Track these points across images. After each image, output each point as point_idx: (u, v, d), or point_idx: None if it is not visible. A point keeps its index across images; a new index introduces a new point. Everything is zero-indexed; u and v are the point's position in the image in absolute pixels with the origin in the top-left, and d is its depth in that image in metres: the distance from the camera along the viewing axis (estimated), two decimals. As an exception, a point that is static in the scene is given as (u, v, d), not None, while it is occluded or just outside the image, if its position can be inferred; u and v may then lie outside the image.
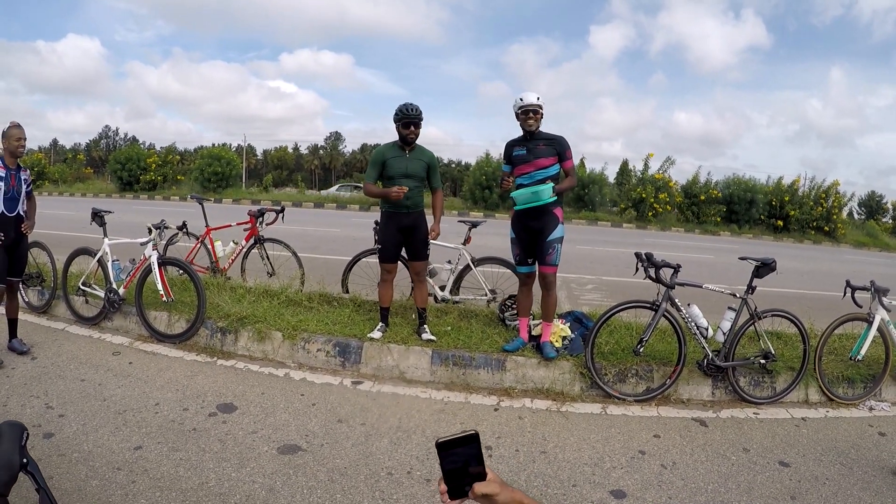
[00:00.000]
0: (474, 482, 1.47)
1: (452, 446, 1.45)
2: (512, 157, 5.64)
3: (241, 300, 6.54)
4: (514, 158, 5.61)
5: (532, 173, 5.49)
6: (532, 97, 5.44)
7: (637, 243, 13.60)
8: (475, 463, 1.46)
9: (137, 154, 34.44)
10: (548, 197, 5.37)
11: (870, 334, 5.61)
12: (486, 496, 1.48)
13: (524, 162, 5.53)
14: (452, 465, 1.46)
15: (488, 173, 29.76)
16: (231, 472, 3.68)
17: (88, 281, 6.75)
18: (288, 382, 5.29)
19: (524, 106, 5.45)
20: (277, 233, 8.17)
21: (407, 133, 5.68)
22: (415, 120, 5.66)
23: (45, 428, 4.10)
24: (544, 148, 5.50)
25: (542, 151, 5.49)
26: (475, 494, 1.47)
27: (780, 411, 5.32)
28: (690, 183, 30.57)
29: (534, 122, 5.48)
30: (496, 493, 1.48)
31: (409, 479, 3.71)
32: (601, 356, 5.56)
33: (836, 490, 3.90)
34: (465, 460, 1.46)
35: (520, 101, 5.47)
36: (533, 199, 5.39)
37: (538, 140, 5.53)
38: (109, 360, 5.63)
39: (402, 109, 5.66)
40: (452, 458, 1.46)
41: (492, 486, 1.47)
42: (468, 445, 1.46)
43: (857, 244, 29.20)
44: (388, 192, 5.60)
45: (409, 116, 5.64)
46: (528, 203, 5.42)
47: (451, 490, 1.47)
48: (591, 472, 3.96)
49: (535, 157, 5.49)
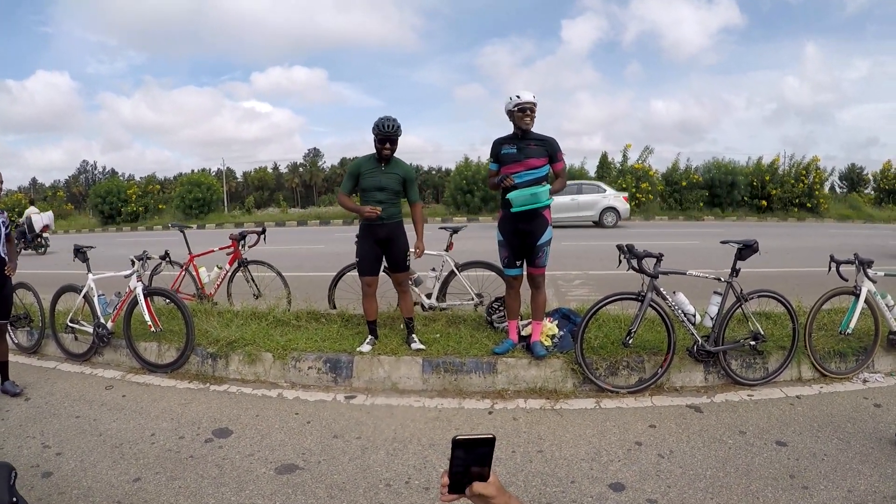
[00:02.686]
0: (475, 481, 1.51)
1: (467, 445, 1.50)
2: (500, 154, 5.54)
3: (229, 324, 6.52)
4: (503, 157, 5.51)
5: (522, 173, 5.40)
6: (528, 95, 5.36)
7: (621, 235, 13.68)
8: (482, 464, 1.51)
9: (117, 186, 34.41)
10: (546, 199, 5.32)
11: (858, 307, 5.66)
12: (483, 497, 1.51)
13: (514, 161, 5.43)
14: (462, 463, 1.51)
15: (469, 177, 29.86)
16: (230, 496, 3.66)
17: (76, 317, 6.70)
18: (281, 402, 5.27)
19: (521, 103, 5.35)
20: (261, 254, 8.15)
21: (382, 149, 5.63)
22: (391, 137, 5.60)
23: (43, 467, 4.06)
24: (536, 148, 5.43)
25: (534, 151, 5.42)
26: (472, 493, 1.51)
27: (774, 391, 5.35)
28: (671, 170, 30.78)
29: (530, 121, 5.40)
30: (492, 495, 1.52)
31: (408, 489, 3.71)
32: (591, 351, 5.58)
33: (834, 465, 3.92)
34: (474, 460, 1.51)
35: (516, 99, 5.36)
36: (532, 201, 5.28)
37: (529, 139, 5.45)
38: (103, 394, 5.59)
39: (379, 125, 5.58)
40: (464, 456, 1.50)
41: (490, 488, 1.52)
42: (482, 447, 1.51)
43: (842, 217, 29.45)
44: (361, 210, 5.60)
45: (385, 133, 5.57)
46: (527, 205, 5.30)
47: (452, 485, 1.52)
48: (589, 468, 3.97)
49: (525, 157, 5.41)
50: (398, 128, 5.62)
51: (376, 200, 5.67)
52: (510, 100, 5.42)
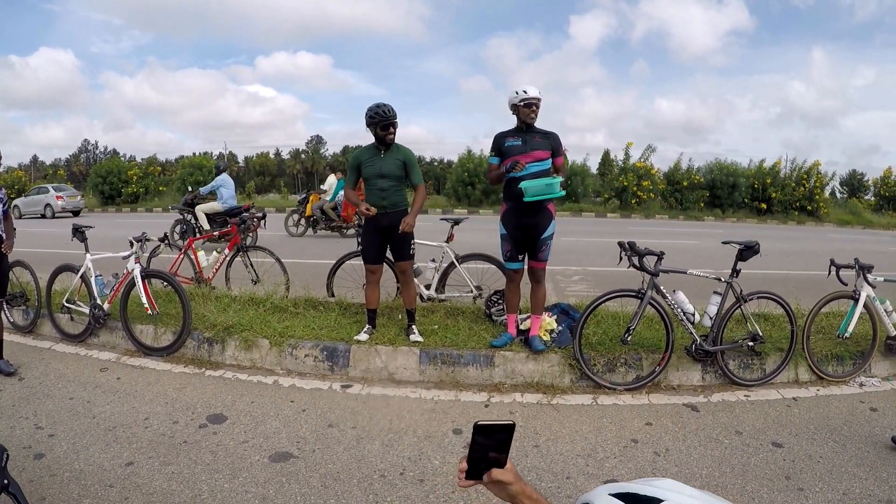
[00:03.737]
0: (492, 467, 1.53)
1: (488, 431, 1.50)
2: (503, 147, 5.53)
3: (226, 309, 6.49)
4: (507, 149, 5.50)
5: (528, 165, 5.39)
6: (534, 91, 5.37)
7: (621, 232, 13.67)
8: (500, 450, 1.52)
9: (118, 167, 34.13)
10: (559, 191, 5.33)
11: (856, 311, 5.66)
12: (500, 483, 1.53)
13: (520, 153, 5.41)
14: (481, 449, 1.51)
15: (470, 170, 29.83)
16: (223, 483, 3.65)
17: (73, 298, 6.67)
18: (277, 390, 5.26)
19: (527, 99, 5.36)
20: (261, 239, 8.14)
21: (386, 135, 5.61)
22: (393, 120, 5.59)
23: (35, 449, 4.05)
24: (540, 141, 5.44)
25: (539, 144, 5.43)
26: (490, 478, 1.53)
27: (770, 392, 5.35)
28: (672, 170, 30.74)
29: (534, 115, 5.42)
30: (510, 482, 1.54)
31: (403, 481, 3.70)
32: (589, 347, 5.57)
33: (830, 468, 3.92)
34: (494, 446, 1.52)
35: (523, 94, 5.37)
36: (547, 191, 5.30)
37: (534, 133, 5.47)
38: (97, 376, 5.57)
39: (377, 112, 5.56)
40: (484, 442, 1.51)
41: (507, 475, 1.53)
42: (502, 433, 1.52)
43: (841, 223, 29.42)
44: (359, 207, 5.62)
45: (387, 118, 5.55)
46: (540, 195, 5.32)
47: (470, 471, 1.53)
48: (585, 464, 3.96)
49: (531, 149, 5.41)
50: (394, 111, 5.61)
51: (379, 188, 5.66)
52: (516, 94, 5.41)
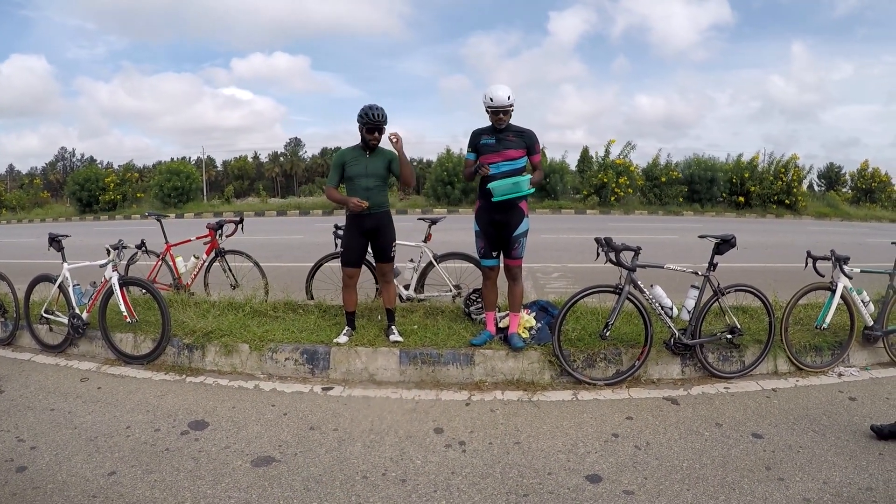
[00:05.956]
0: None
1: None
2: (479, 145, 5.54)
3: (205, 315, 6.45)
4: (482, 147, 5.51)
5: (500, 164, 5.42)
6: (503, 97, 5.30)
7: (601, 229, 13.71)
8: None
9: (95, 174, 33.74)
10: (527, 189, 5.34)
11: (833, 302, 5.72)
12: None
13: (492, 152, 5.44)
14: None
15: (450, 169, 29.81)
16: (206, 489, 3.64)
17: (51, 308, 6.59)
18: (258, 394, 5.24)
19: (494, 107, 5.35)
20: (239, 243, 8.08)
21: (371, 138, 5.61)
22: (379, 125, 5.58)
23: (17, 462, 4.01)
24: (514, 140, 5.45)
25: (512, 143, 5.44)
26: None
27: (750, 384, 5.40)
28: (651, 165, 30.87)
29: (502, 124, 5.41)
30: None
31: (385, 481, 3.70)
32: (569, 343, 5.60)
33: (810, 457, 3.97)
34: None
35: (489, 101, 5.34)
36: (514, 189, 5.32)
37: (508, 131, 5.47)
38: (78, 386, 5.52)
39: (366, 113, 5.56)
40: None
41: None
42: None
43: (819, 215, 29.66)
44: (348, 202, 5.57)
45: (373, 122, 5.55)
46: (508, 194, 5.34)
47: None
48: (566, 459, 3.98)
49: (504, 148, 5.42)
50: (385, 116, 5.60)
51: (363, 187, 5.65)
52: (486, 98, 5.39)
